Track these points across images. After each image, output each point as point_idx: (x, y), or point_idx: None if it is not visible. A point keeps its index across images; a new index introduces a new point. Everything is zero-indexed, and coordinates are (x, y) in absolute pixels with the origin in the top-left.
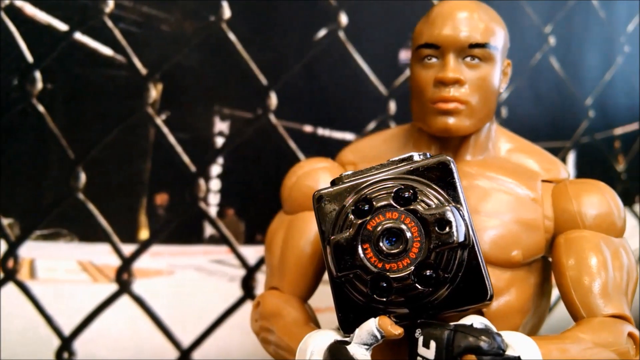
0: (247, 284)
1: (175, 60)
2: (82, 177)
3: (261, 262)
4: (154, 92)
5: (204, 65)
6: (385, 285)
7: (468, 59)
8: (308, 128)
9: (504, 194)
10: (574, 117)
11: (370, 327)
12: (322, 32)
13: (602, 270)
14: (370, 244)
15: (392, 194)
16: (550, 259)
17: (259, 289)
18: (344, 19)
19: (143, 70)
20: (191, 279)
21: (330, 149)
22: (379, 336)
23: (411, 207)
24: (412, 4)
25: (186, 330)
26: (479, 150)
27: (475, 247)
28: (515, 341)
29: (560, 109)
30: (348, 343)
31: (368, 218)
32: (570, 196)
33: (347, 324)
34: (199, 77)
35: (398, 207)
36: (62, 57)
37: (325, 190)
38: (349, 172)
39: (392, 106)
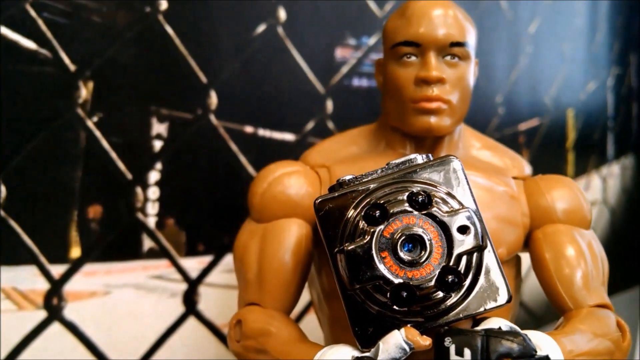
0: (190, 299)
1: (107, 55)
2: (2, 190)
3: (204, 274)
4: (84, 91)
5: (139, 61)
6: (406, 294)
7: (448, 57)
8: (249, 129)
9: (484, 191)
10: (487, 114)
11: (398, 340)
12: (261, 28)
13: (582, 262)
14: (389, 252)
15: (406, 199)
16: (520, 255)
17: (202, 303)
18: (282, 14)
19: (71, 67)
20: (129, 299)
21: (272, 150)
22: (407, 349)
23: (428, 211)
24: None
25: (125, 355)
26: (452, 149)
27: (492, 249)
28: (538, 340)
29: (474, 106)
30: (371, 359)
31: (384, 225)
32: (543, 192)
33: (366, 339)
34: (133, 75)
35: (414, 212)
36: None
37: (327, 197)
38: (348, 177)
39: (330, 105)
